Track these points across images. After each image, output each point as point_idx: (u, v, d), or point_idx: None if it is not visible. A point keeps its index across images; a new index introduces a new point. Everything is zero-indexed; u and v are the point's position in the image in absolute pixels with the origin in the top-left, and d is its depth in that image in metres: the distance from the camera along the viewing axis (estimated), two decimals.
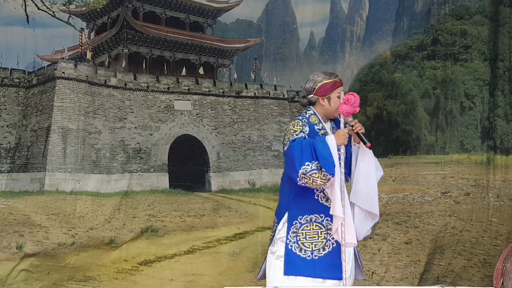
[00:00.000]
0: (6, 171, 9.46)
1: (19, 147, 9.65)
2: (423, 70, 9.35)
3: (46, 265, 8.49)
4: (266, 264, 4.26)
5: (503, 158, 8.52)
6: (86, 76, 9.88)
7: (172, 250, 9.00)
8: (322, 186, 3.99)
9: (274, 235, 4.22)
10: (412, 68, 9.43)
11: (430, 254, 8.24)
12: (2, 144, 9.59)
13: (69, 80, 9.77)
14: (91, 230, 8.85)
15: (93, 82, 9.88)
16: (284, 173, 4.26)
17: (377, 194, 3.94)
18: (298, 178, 3.93)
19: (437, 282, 7.87)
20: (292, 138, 4.04)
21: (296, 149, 3.96)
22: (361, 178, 3.98)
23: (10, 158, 9.58)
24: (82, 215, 8.94)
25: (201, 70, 10.72)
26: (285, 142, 4.10)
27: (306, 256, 4.09)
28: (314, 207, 4.13)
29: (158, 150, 9.90)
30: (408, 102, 9.29)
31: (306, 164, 3.90)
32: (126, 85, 10.09)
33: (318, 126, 4.20)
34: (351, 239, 4.01)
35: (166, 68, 10.74)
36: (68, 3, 9.90)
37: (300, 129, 4.09)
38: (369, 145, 3.96)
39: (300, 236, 4.11)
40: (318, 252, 4.10)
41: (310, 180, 3.90)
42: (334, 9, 10.41)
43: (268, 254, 4.26)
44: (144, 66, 10.59)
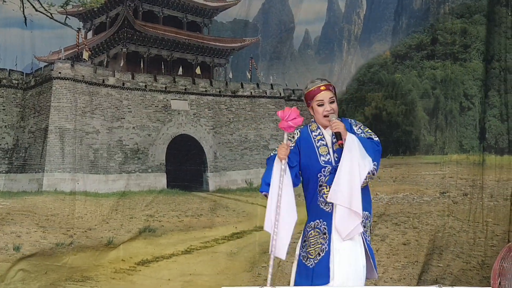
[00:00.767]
0: (4, 172, 9.44)
1: (17, 148, 9.64)
2: (423, 70, 9.28)
3: (44, 264, 8.50)
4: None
5: (498, 158, 8.46)
6: (83, 76, 9.84)
7: (169, 250, 8.99)
8: None
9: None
10: (411, 68, 9.36)
11: (428, 254, 8.20)
12: (0, 145, 9.58)
13: (65, 80, 9.74)
14: (89, 230, 8.84)
15: (90, 81, 9.84)
16: None
17: (357, 191, 3.88)
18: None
19: (435, 284, 7.83)
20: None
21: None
22: (341, 176, 3.93)
23: (8, 159, 9.57)
24: (80, 216, 8.94)
25: (198, 70, 10.69)
26: None
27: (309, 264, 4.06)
28: (317, 213, 4.10)
29: (156, 150, 9.87)
30: (408, 102, 9.22)
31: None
32: (124, 84, 10.05)
33: (316, 133, 4.18)
34: (280, 253, 3.99)
35: (163, 67, 10.70)
36: (65, 5, 9.89)
37: (292, 136, 4.15)
38: (339, 142, 3.97)
39: (307, 243, 4.09)
40: (315, 259, 4.06)
41: None
42: (331, 7, 10.32)
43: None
44: (142, 66, 10.54)
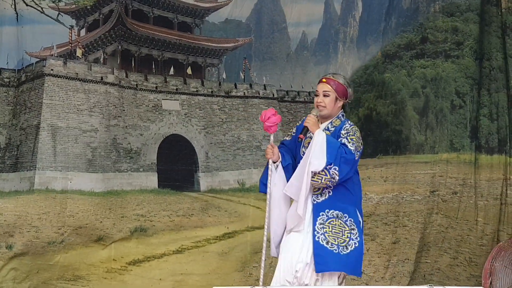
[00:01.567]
0: None
1: (9, 147, 9.54)
2: (412, 69, 9.29)
3: (35, 263, 8.50)
4: None
5: (488, 158, 8.49)
6: (77, 73, 9.77)
7: (161, 249, 9.00)
8: None
9: None
10: (401, 67, 9.36)
11: (418, 252, 8.25)
12: None
13: (58, 77, 9.68)
14: (80, 228, 8.85)
15: (85, 79, 9.76)
16: None
17: (303, 183, 4.07)
18: None
19: (423, 280, 7.88)
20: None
21: None
22: (297, 170, 4.19)
23: (0, 158, 9.51)
24: (72, 214, 8.93)
25: (189, 70, 10.64)
26: None
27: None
28: None
29: (147, 149, 9.84)
30: (397, 102, 9.24)
31: None
32: (120, 82, 10.01)
33: None
34: (272, 252, 4.40)
35: (154, 67, 10.64)
36: (57, 0, 9.81)
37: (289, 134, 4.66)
38: (300, 136, 4.29)
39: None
40: None
41: None
42: (328, 10, 10.30)
43: None
44: (133, 64, 10.48)
